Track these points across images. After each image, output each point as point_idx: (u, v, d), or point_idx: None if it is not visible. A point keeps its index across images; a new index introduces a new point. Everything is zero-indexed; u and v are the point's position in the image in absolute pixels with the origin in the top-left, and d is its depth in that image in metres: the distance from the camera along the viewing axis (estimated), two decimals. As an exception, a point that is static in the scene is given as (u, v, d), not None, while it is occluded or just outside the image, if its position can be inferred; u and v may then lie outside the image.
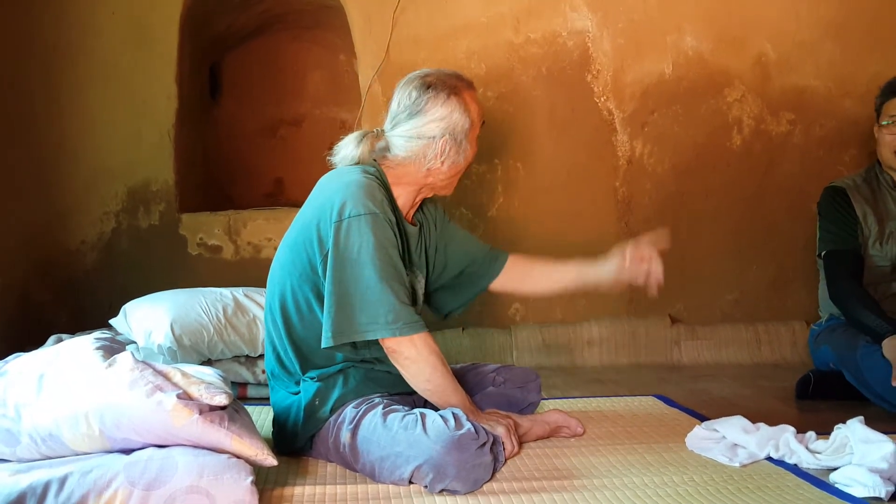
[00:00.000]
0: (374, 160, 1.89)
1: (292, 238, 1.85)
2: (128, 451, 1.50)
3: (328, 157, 1.93)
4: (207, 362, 2.47)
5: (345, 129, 3.53)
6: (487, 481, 1.65)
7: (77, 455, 1.51)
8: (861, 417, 1.77)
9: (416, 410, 1.73)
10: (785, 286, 3.25)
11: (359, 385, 1.81)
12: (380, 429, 1.68)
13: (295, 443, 1.83)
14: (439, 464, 1.59)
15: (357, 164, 1.87)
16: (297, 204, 3.04)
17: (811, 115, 3.24)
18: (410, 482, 1.65)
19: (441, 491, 1.61)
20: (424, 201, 2.01)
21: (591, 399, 2.46)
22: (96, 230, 3.08)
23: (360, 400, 1.78)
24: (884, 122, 2.50)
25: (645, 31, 3.21)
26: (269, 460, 1.53)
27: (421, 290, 1.99)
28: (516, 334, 3.13)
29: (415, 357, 1.75)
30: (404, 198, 1.90)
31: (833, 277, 2.48)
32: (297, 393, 1.84)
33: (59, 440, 1.50)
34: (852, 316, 2.39)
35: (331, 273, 1.73)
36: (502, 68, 3.19)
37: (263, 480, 1.65)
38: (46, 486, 1.40)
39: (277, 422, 1.89)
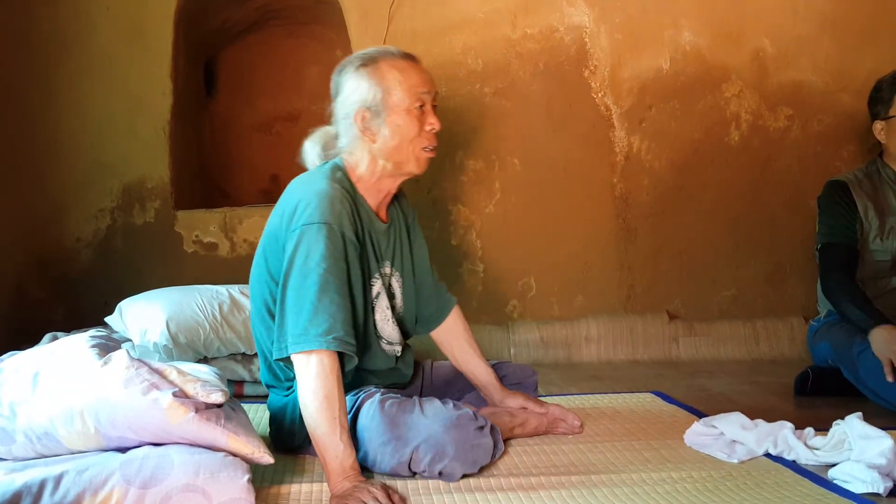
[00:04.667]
0: (341, 158, 1.85)
1: (262, 248, 1.83)
2: (124, 450, 1.49)
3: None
4: (203, 360, 2.46)
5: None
6: (487, 466, 1.67)
7: (73, 453, 1.50)
8: (859, 413, 1.77)
9: (415, 398, 1.74)
10: (783, 282, 3.25)
11: (352, 379, 1.79)
12: (378, 416, 1.68)
13: (293, 441, 1.83)
14: (438, 442, 1.61)
15: (322, 161, 1.85)
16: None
17: (809, 110, 3.24)
18: (410, 468, 1.65)
19: (440, 474, 1.62)
20: (399, 197, 1.95)
21: (589, 396, 2.46)
22: (91, 227, 3.07)
23: (357, 391, 1.77)
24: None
25: (642, 26, 3.20)
26: (266, 458, 1.53)
27: (400, 289, 1.93)
28: (514, 331, 3.12)
29: (301, 372, 1.61)
30: (371, 193, 1.83)
31: (825, 270, 2.50)
32: (290, 391, 1.82)
33: (54, 438, 1.49)
34: (839, 309, 2.42)
35: (282, 282, 1.68)
36: (499, 64, 3.18)
37: (260, 478, 1.64)
38: (42, 485, 1.39)
39: (274, 420, 1.88)
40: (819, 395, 2.46)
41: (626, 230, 3.22)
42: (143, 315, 2.45)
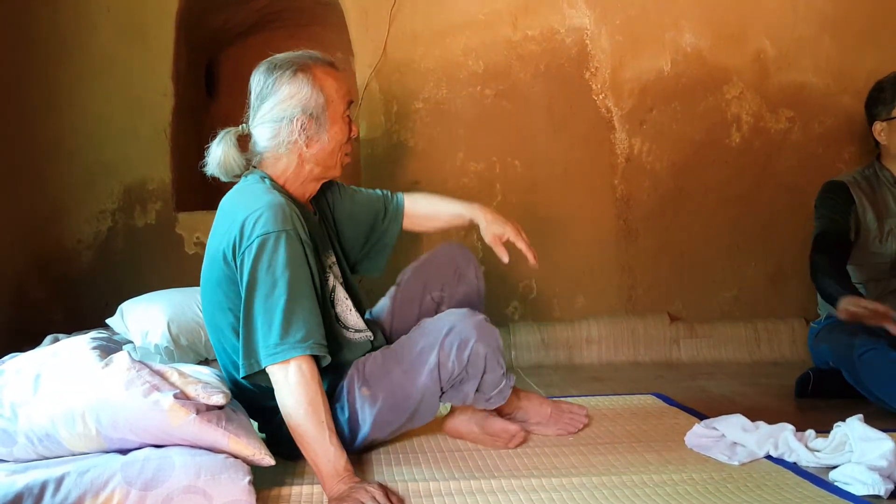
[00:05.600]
0: (254, 166, 1.82)
1: (207, 270, 1.77)
2: (125, 451, 1.49)
3: (200, 166, 1.85)
4: (204, 362, 2.46)
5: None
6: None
7: (74, 455, 1.50)
8: (860, 415, 1.77)
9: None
10: (784, 283, 3.25)
11: (335, 375, 1.79)
12: (390, 354, 1.77)
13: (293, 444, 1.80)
14: (460, 329, 1.73)
15: (226, 166, 1.80)
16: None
17: (810, 111, 3.24)
18: (440, 372, 1.73)
19: (467, 363, 1.73)
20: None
21: (590, 397, 2.45)
22: (92, 229, 3.07)
23: (341, 371, 1.79)
24: None
25: (643, 27, 3.20)
26: (267, 460, 1.53)
27: (341, 275, 1.93)
28: (515, 333, 3.12)
29: (281, 383, 1.60)
30: (297, 194, 1.82)
31: (812, 253, 2.49)
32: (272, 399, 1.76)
33: (55, 440, 1.49)
34: (817, 286, 2.41)
35: (245, 297, 1.64)
36: (500, 65, 3.18)
37: (261, 480, 1.63)
38: (43, 487, 1.39)
39: (266, 423, 1.83)
40: (820, 396, 2.46)
41: (626, 231, 3.21)
42: (144, 317, 2.45)
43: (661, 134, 3.22)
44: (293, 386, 1.59)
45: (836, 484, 1.63)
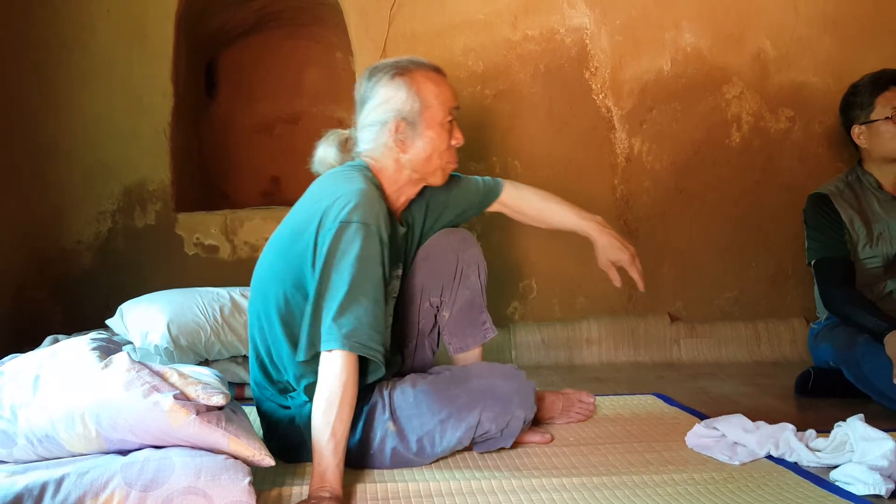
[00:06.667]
0: (364, 161, 1.83)
1: (283, 244, 1.76)
2: (124, 452, 1.49)
3: (311, 166, 1.89)
4: (204, 363, 2.46)
5: (342, 126, 3.49)
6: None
7: (73, 456, 1.50)
8: (861, 415, 1.77)
9: (443, 370, 1.83)
10: (784, 283, 3.25)
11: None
12: (424, 397, 1.73)
13: (299, 457, 1.78)
14: (503, 396, 1.74)
15: (325, 164, 1.84)
16: (295, 202, 3.01)
17: (810, 111, 3.23)
18: (475, 434, 1.74)
19: (501, 432, 1.77)
20: (414, 200, 1.93)
21: (591, 397, 2.45)
22: (92, 229, 3.07)
23: (365, 394, 1.74)
24: (886, 116, 2.48)
25: (643, 27, 3.20)
26: (267, 460, 1.53)
27: (393, 294, 1.91)
28: (515, 333, 3.12)
29: (321, 369, 1.60)
30: (392, 199, 1.82)
31: (825, 285, 2.48)
32: (287, 407, 1.78)
33: (55, 441, 1.49)
34: (849, 320, 2.39)
35: (318, 280, 1.64)
36: (500, 66, 3.18)
37: (261, 481, 1.63)
38: (43, 488, 1.39)
39: (275, 434, 1.82)
40: (820, 396, 2.45)
41: (626, 232, 3.21)
42: (144, 317, 2.45)
43: (661, 134, 3.22)
44: (325, 375, 1.58)
45: (836, 484, 1.63)
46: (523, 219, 2.15)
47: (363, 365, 1.65)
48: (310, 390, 1.67)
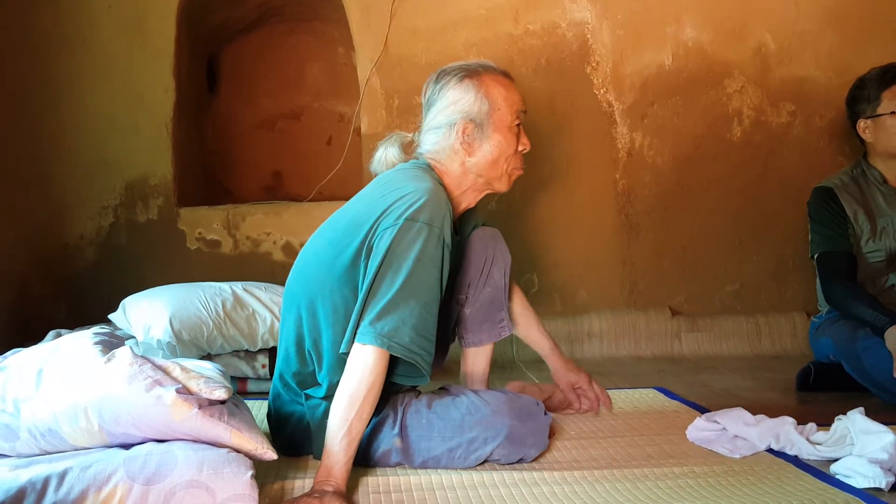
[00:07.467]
0: (428, 162, 1.80)
1: (336, 235, 1.70)
2: (127, 446, 1.50)
3: (369, 166, 1.88)
4: (207, 357, 2.47)
5: (343, 122, 3.52)
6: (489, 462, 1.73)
7: (76, 450, 1.51)
8: (861, 408, 1.77)
9: (461, 395, 1.76)
10: (785, 277, 3.25)
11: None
12: (437, 422, 1.69)
13: (300, 451, 1.79)
14: (518, 436, 1.69)
15: (386, 165, 1.83)
16: (297, 197, 3.02)
17: (811, 105, 3.23)
18: (485, 460, 1.71)
19: (513, 460, 1.71)
20: (470, 210, 1.90)
21: (592, 391, 2.45)
22: (94, 225, 3.08)
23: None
24: (893, 110, 2.48)
25: (644, 21, 3.20)
26: (269, 454, 1.53)
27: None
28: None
29: (349, 361, 1.57)
30: (453, 203, 1.76)
31: (826, 280, 2.48)
32: (300, 404, 1.78)
33: (58, 435, 1.49)
34: (850, 314, 2.39)
35: (373, 273, 1.59)
36: (501, 60, 3.14)
37: (263, 474, 1.64)
38: (46, 481, 1.39)
39: (283, 430, 1.82)
40: (821, 390, 2.46)
41: (628, 226, 3.21)
42: (147, 312, 2.45)
43: (662, 128, 3.22)
44: (350, 369, 1.56)
45: (837, 477, 1.63)
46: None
47: (392, 367, 1.61)
48: (333, 389, 1.62)
